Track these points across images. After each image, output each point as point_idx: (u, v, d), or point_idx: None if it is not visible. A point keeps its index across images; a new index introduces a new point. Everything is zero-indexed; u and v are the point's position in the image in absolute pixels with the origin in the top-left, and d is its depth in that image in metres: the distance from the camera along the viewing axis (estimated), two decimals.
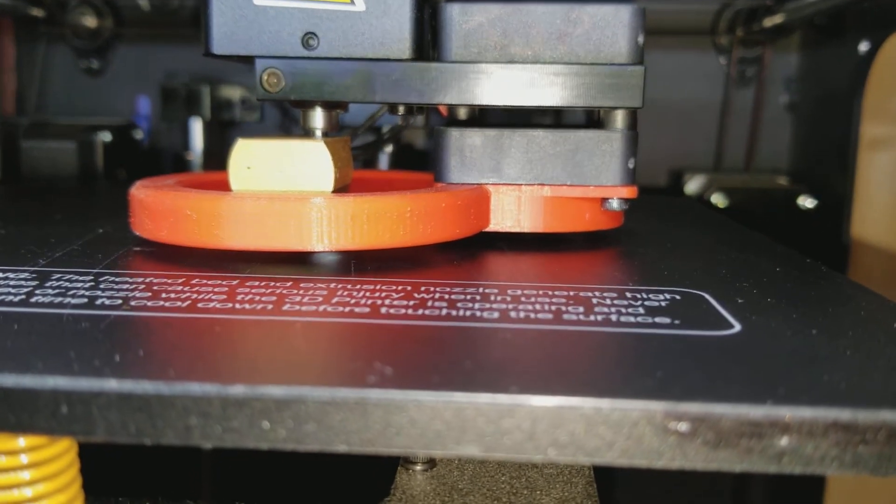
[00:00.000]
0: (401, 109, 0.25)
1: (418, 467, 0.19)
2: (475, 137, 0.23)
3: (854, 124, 0.40)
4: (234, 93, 0.48)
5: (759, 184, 0.43)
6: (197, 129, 0.47)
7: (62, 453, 0.14)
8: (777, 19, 0.42)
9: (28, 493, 0.13)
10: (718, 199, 0.41)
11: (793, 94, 0.47)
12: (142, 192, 0.21)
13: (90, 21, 0.49)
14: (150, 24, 0.49)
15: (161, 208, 0.20)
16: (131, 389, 0.12)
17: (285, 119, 0.50)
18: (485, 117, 0.25)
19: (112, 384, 0.12)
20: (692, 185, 0.43)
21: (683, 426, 0.11)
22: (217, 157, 0.50)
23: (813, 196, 0.41)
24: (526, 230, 0.24)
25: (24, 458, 0.13)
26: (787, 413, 0.11)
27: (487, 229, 0.24)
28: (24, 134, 0.44)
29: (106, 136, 0.44)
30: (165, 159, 0.50)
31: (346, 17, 0.21)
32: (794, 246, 0.44)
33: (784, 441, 0.11)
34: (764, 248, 0.25)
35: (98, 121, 0.46)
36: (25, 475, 0.13)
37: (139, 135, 0.48)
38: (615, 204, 0.24)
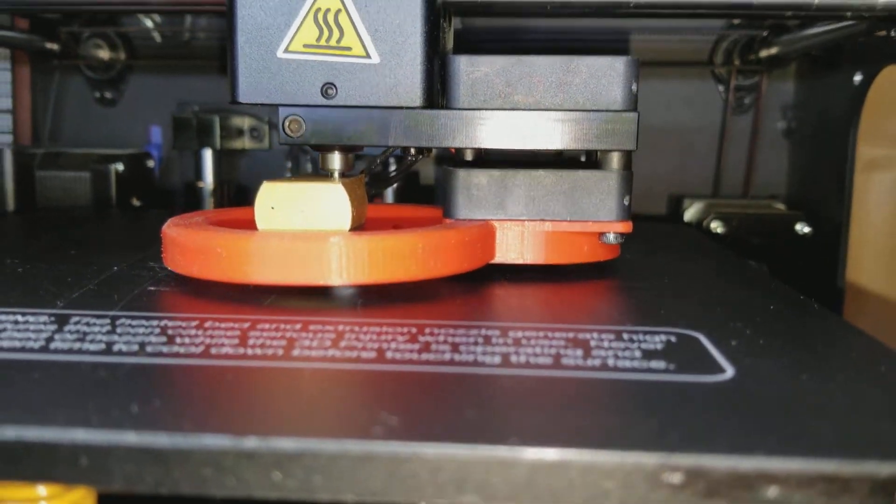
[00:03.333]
0: (412, 150, 0.26)
1: None
2: (481, 177, 0.24)
3: (850, 151, 0.41)
4: (243, 122, 0.49)
5: (756, 210, 0.43)
6: (208, 157, 0.48)
7: (81, 500, 0.14)
8: (773, 51, 0.43)
9: None
10: (716, 226, 0.41)
11: (790, 121, 0.47)
12: (174, 231, 0.22)
13: (104, 53, 0.50)
14: (162, 55, 0.50)
15: (193, 246, 0.21)
16: (149, 443, 0.12)
17: (293, 147, 0.51)
18: (490, 157, 0.25)
19: (131, 437, 0.12)
20: (691, 212, 0.44)
21: (676, 477, 0.12)
22: (227, 185, 0.51)
23: (809, 222, 0.42)
24: (529, 262, 0.24)
25: None
26: (774, 464, 0.12)
27: (493, 262, 0.24)
28: (39, 164, 0.45)
29: (119, 166, 0.45)
30: (177, 187, 0.51)
31: (362, 69, 0.22)
32: (792, 272, 0.44)
33: (772, 491, 0.12)
34: (758, 283, 0.25)
35: (111, 151, 0.47)
36: None
37: (151, 163, 0.49)
38: (612, 238, 0.25)
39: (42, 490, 0.14)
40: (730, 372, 0.16)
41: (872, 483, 0.12)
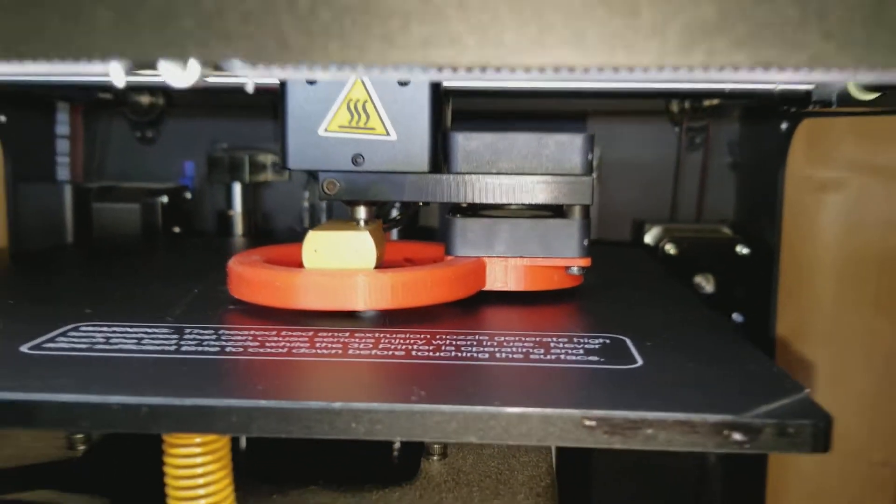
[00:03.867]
0: (420, 202, 0.34)
1: (435, 457, 0.28)
2: (475, 224, 0.32)
3: (780, 185, 0.49)
4: (266, 158, 0.57)
5: (704, 234, 0.52)
6: (237, 190, 0.56)
7: (223, 445, 0.22)
8: (715, 102, 0.51)
9: (199, 471, 0.22)
10: (670, 248, 0.50)
11: (735, 157, 0.56)
12: (239, 268, 0.30)
13: (145, 99, 0.58)
14: (195, 101, 0.58)
15: (256, 280, 0.29)
16: (275, 406, 0.20)
17: (310, 179, 0.59)
18: (482, 208, 0.34)
19: (263, 403, 0.20)
20: (650, 235, 0.52)
21: (591, 423, 0.20)
22: (253, 213, 0.58)
23: (748, 244, 0.50)
24: (511, 289, 0.32)
25: (198, 449, 0.22)
26: (651, 415, 0.20)
27: (483, 289, 0.32)
28: (94, 197, 0.53)
29: (164, 198, 0.53)
30: (210, 216, 0.59)
31: (383, 144, 0.30)
32: (735, 287, 0.52)
33: (649, 431, 0.20)
34: (683, 302, 0.34)
35: (156, 185, 0.55)
36: (198, 459, 0.22)
37: (188, 195, 0.57)
38: (575, 270, 0.33)
39: (197, 439, 0.22)
40: (640, 362, 0.24)
41: (709, 426, 0.20)
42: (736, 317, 0.51)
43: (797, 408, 0.21)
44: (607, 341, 0.26)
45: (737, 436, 0.20)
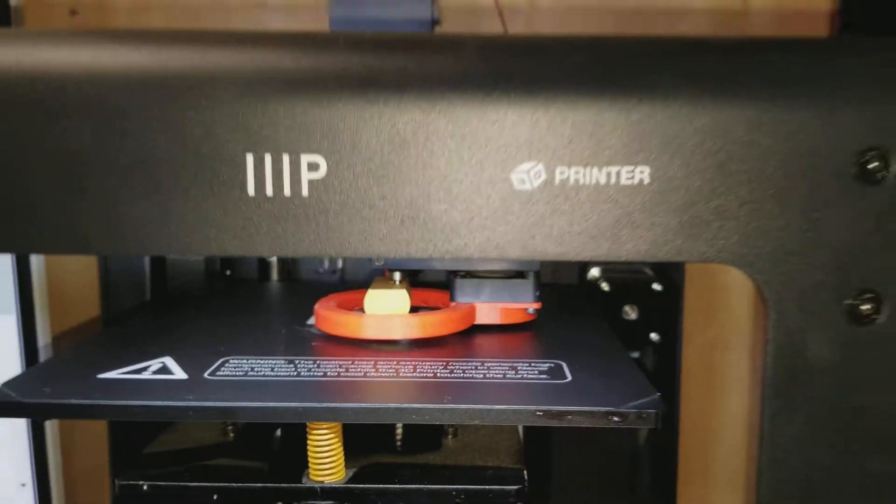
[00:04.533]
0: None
1: (450, 435, 0.45)
2: (470, 282, 0.49)
3: None
4: None
5: (630, 273, 0.70)
6: None
7: (339, 428, 0.39)
8: None
9: (327, 444, 0.39)
10: (605, 286, 0.68)
11: None
12: (325, 312, 0.47)
13: None
14: None
15: (337, 320, 0.46)
16: (367, 407, 0.37)
17: None
18: (473, 272, 0.51)
19: (364, 405, 0.37)
20: (591, 274, 0.70)
21: (540, 413, 0.37)
22: (284, 260, 0.74)
23: (661, 282, 0.69)
24: (491, 323, 0.50)
25: (326, 430, 0.39)
26: (571, 408, 0.37)
27: (474, 323, 0.50)
28: None
29: None
30: (251, 260, 0.74)
31: None
32: (651, 313, 0.71)
33: (570, 416, 0.37)
34: (600, 334, 0.51)
35: None
36: (327, 436, 0.39)
37: None
38: (531, 310, 0.50)
39: (325, 426, 0.39)
40: (570, 378, 0.41)
41: (601, 413, 0.37)
42: (654, 336, 0.69)
43: (650, 403, 0.38)
44: (552, 365, 0.44)
45: (615, 418, 0.37)
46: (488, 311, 0.50)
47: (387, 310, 0.47)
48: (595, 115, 0.31)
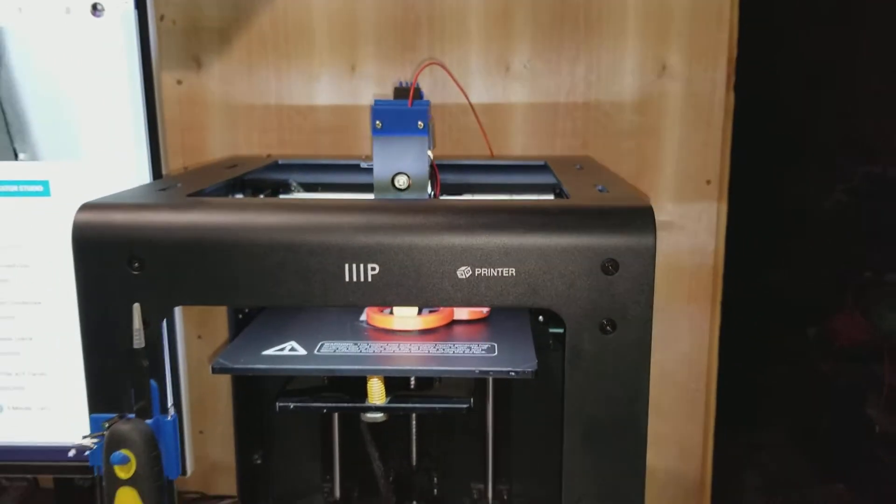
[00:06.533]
0: None
1: (436, 383, 0.87)
2: None
3: None
4: None
5: None
6: None
7: (381, 378, 0.81)
8: None
9: (376, 385, 0.81)
10: None
11: None
12: (371, 313, 0.88)
13: None
14: None
15: (377, 318, 0.87)
16: (391, 368, 0.78)
17: None
18: None
19: (387, 367, 0.78)
20: None
21: (482, 373, 0.78)
22: None
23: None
24: (463, 319, 0.90)
25: (375, 378, 0.81)
26: (492, 369, 0.78)
27: (454, 319, 0.90)
28: None
29: None
30: None
31: None
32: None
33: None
34: (522, 326, 0.91)
35: None
36: (377, 382, 0.81)
37: None
38: (485, 311, 0.90)
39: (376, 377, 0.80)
40: (496, 354, 0.82)
41: (505, 372, 0.78)
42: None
43: (531, 367, 0.78)
44: (490, 345, 0.84)
45: (513, 373, 0.78)
46: (462, 312, 0.90)
47: (404, 313, 0.88)
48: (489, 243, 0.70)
